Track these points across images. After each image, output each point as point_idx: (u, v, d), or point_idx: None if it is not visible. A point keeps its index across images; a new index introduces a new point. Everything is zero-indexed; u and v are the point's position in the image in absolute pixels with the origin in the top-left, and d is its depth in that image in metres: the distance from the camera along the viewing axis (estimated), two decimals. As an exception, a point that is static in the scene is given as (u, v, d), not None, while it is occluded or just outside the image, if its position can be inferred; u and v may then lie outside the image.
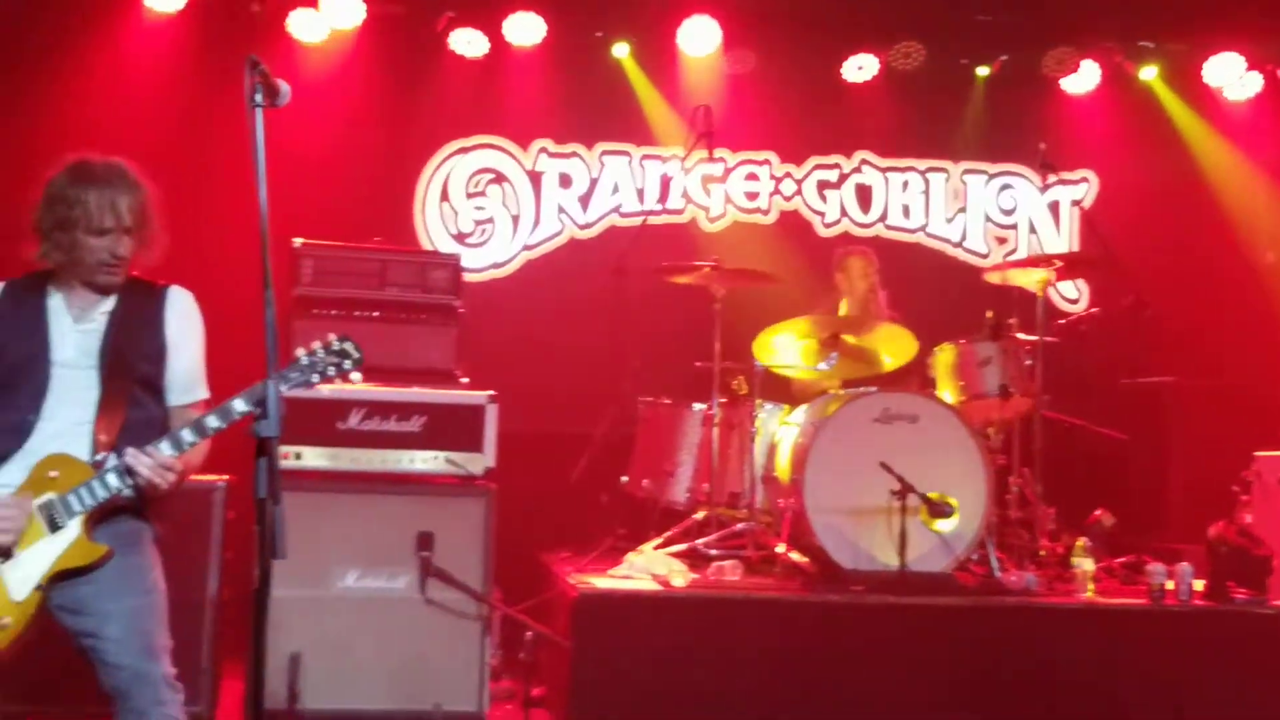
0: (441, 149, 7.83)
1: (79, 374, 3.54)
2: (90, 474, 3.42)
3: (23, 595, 3.36)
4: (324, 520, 5.08)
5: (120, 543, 3.50)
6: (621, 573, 5.67)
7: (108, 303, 3.62)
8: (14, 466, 3.47)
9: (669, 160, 7.95)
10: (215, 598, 4.98)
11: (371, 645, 5.12)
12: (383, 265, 5.73)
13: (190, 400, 3.69)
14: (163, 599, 3.57)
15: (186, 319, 3.72)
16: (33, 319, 3.58)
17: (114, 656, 3.42)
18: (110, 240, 3.52)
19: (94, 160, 3.58)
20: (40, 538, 3.39)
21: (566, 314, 7.48)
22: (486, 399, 5.40)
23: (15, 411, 3.50)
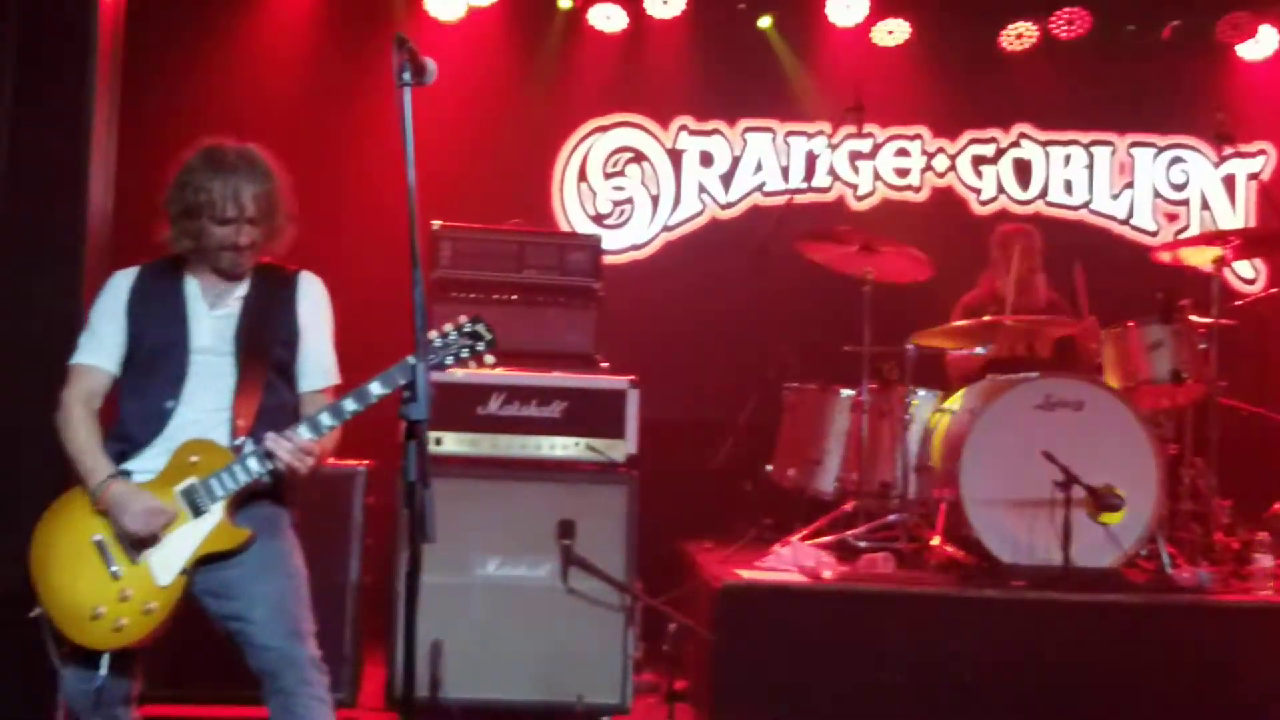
0: (579, 128, 7.84)
1: (216, 360, 3.62)
2: (230, 458, 3.50)
3: (168, 580, 3.45)
4: (464, 507, 5.12)
5: (261, 527, 3.59)
6: (767, 564, 5.64)
7: (241, 289, 3.69)
8: (154, 452, 3.56)
9: (815, 136, 7.87)
10: (356, 583, 5.07)
11: (512, 634, 5.16)
12: (521, 247, 5.76)
13: (321, 386, 3.76)
14: (305, 582, 3.65)
15: (317, 305, 3.78)
16: (170, 305, 3.66)
17: (261, 638, 3.50)
18: (233, 230, 3.58)
19: (226, 146, 3.64)
20: (184, 523, 3.48)
21: (708, 297, 7.44)
22: (628, 384, 5.40)
23: (155, 398, 3.59)
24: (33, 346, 4.41)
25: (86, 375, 3.64)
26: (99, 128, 4.52)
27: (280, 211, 3.65)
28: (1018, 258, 6.71)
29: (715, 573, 5.45)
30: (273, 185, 3.62)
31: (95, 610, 3.42)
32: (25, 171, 4.45)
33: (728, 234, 7.76)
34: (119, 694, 3.57)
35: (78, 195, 4.48)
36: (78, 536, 3.49)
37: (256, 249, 3.65)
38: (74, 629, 3.44)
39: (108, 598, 3.43)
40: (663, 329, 7.30)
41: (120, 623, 3.42)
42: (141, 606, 3.43)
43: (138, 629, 3.43)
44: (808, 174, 7.69)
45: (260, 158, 3.64)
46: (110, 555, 3.46)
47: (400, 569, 5.04)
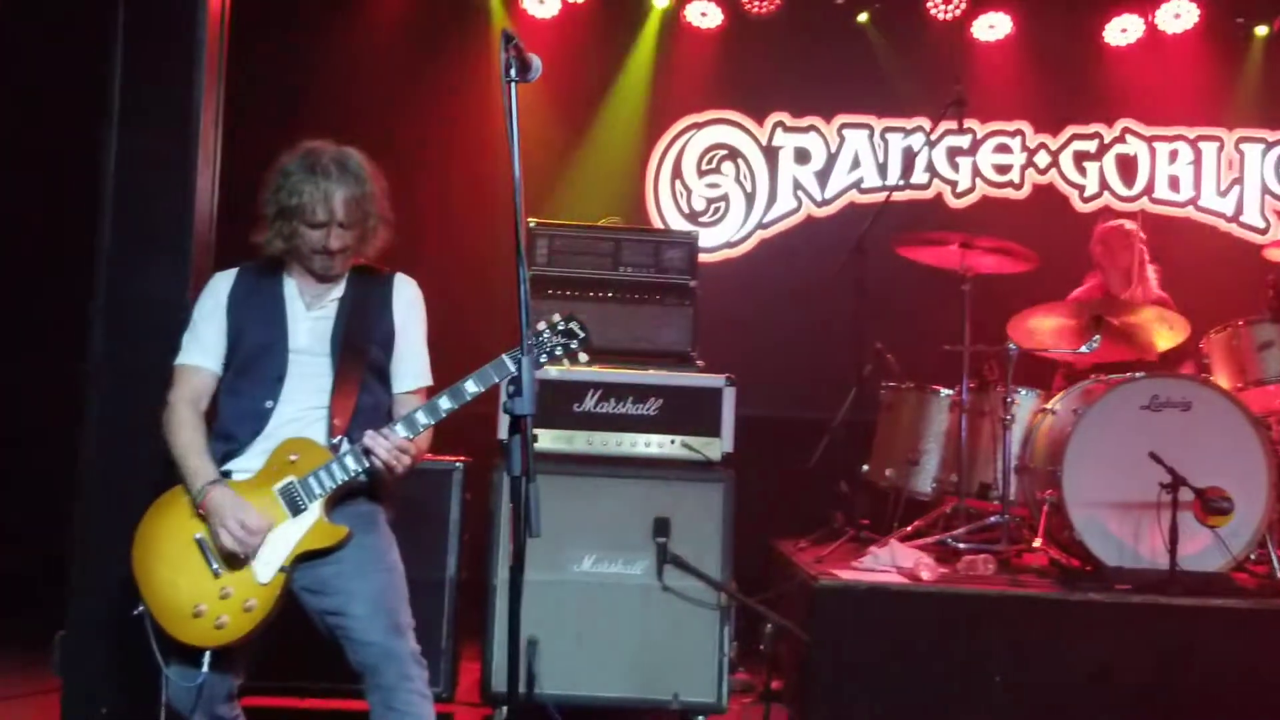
0: (674, 125, 7.88)
1: (313, 361, 3.70)
2: (328, 457, 3.57)
3: (268, 578, 3.52)
4: (560, 503, 5.13)
5: (358, 524, 3.65)
6: (864, 565, 5.62)
7: (337, 290, 3.76)
8: (253, 452, 3.64)
9: (913, 132, 7.84)
10: (455, 579, 5.12)
11: (607, 632, 5.18)
12: (617, 245, 5.76)
13: (414, 387, 3.83)
14: (402, 578, 3.71)
15: (412, 306, 3.85)
16: (269, 306, 3.73)
17: (361, 634, 3.56)
18: (324, 233, 3.64)
19: (322, 150, 3.69)
20: (283, 520, 3.55)
21: (803, 295, 7.43)
22: (724, 381, 5.39)
23: (254, 398, 3.67)
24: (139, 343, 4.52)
25: (192, 376, 3.73)
26: (206, 127, 4.61)
27: (373, 216, 3.70)
28: (1122, 256, 6.64)
29: (811, 572, 5.45)
30: (366, 190, 3.66)
31: (196, 608, 3.50)
32: (134, 171, 4.55)
33: (823, 232, 7.76)
34: (221, 691, 3.65)
35: (185, 194, 4.58)
36: (180, 535, 3.57)
37: (349, 253, 3.71)
38: (176, 626, 3.51)
39: (209, 595, 3.51)
40: (758, 327, 7.32)
41: (221, 620, 3.49)
42: (242, 604, 3.50)
43: (238, 627, 3.51)
44: (905, 171, 7.65)
45: (355, 162, 3.68)
46: (211, 554, 3.54)
47: (497, 564, 5.17)
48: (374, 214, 3.70)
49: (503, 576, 5.17)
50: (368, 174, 3.69)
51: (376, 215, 3.71)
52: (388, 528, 3.78)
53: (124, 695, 4.41)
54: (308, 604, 3.64)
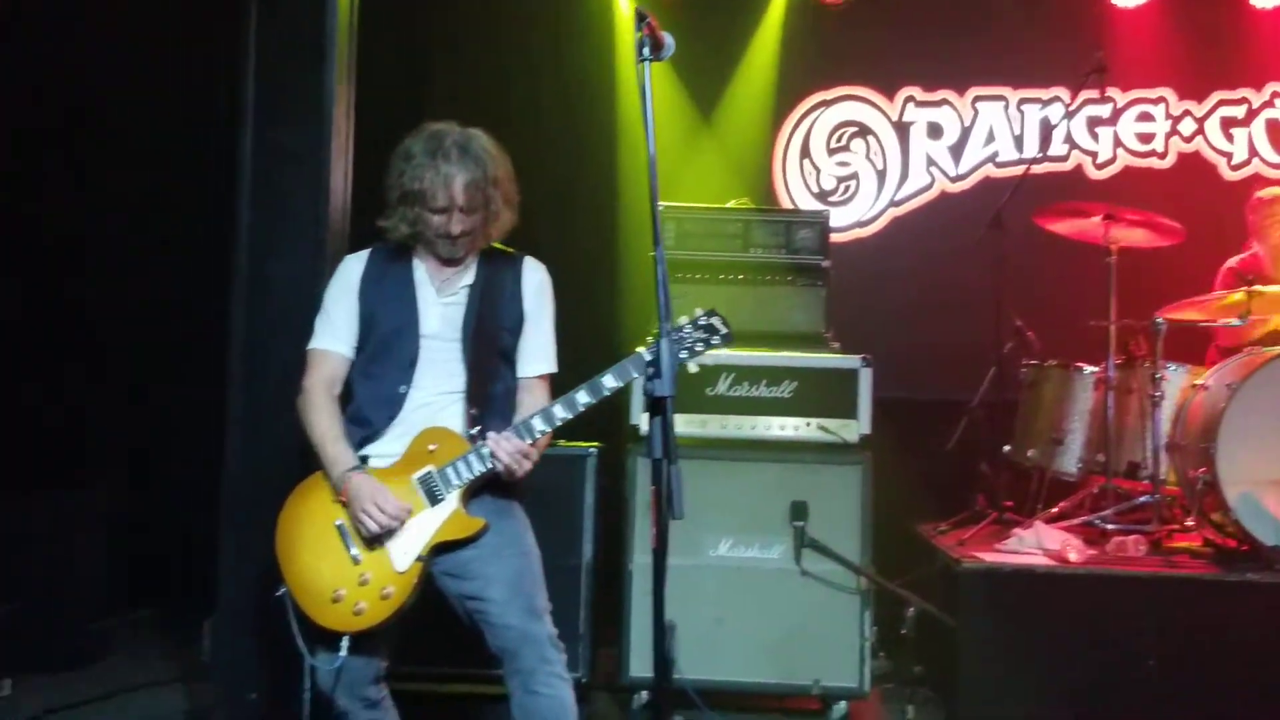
0: (802, 103, 7.81)
1: (444, 346, 3.72)
2: (467, 448, 3.60)
3: (405, 566, 3.57)
4: (695, 488, 4.97)
5: (494, 510, 3.68)
6: (1008, 547, 5.54)
7: (467, 275, 3.77)
8: (390, 437, 3.68)
9: (1050, 103, 7.67)
10: (590, 564, 5.16)
11: (745, 616, 5.19)
12: (746, 226, 5.78)
13: (538, 373, 3.83)
14: (539, 562, 3.74)
15: (541, 292, 3.85)
16: (400, 290, 3.75)
17: (499, 618, 3.60)
18: (445, 218, 3.65)
19: (445, 132, 3.69)
20: (421, 510, 3.60)
21: (938, 272, 7.32)
22: (860, 362, 5.37)
23: (388, 382, 3.70)
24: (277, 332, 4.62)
25: (325, 361, 3.77)
26: (338, 119, 4.70)
27: (497, 199, 3.69)
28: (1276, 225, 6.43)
29: (954, 555, 5.39)
30: (488, 173, 3.65)
31: (336, 593, 3.56)
32: (269, 165, 4.65)
33: (958, 208, 7.63)
34: (367, 674, 3.72)
35: (318, 183, 4.67)
36: (321, 520, 3.63)
37: (473, 237, 3.71)
38: (316, 610, 3.57)
39: (348, 581, 3.57)
40: (892, 306, 7.22)
41: (360, 606, 3.55)
42: (380, 591, 3.56)
43: (376, 613, 3.56)
44: (1043, 143, 7.49)
45: (478, 144, 3.68)
46: (351, 540, 3.60)
47: (633, 549, 5.19)
48: (498, 197, 3.69)
49: (639, 561, 5.20)
50: (491, 156, 3.68)
51: (501, 199, 3.70)
52: (523, 513, 3.81)
53: (272, 681, 4.52)
54: (446, 588, 3.69)
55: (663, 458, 2.98)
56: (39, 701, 5.27)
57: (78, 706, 5.30)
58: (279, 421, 4.38)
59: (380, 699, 3.81)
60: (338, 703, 3.70)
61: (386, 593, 3.56)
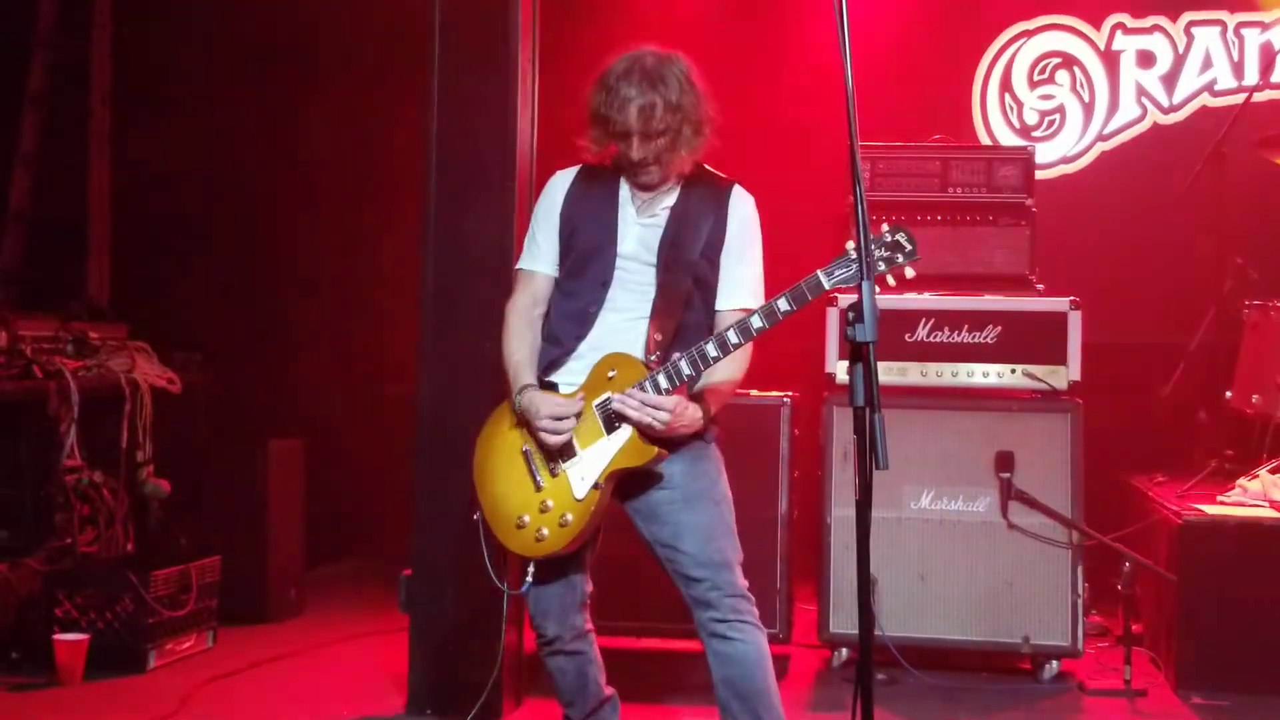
0: (1001, 34, 7.58)
1: (639, 268, 3.67)
2: (644, 373, 3.54)
3: (583, 494, 3.56)
4: (894, 438, 4.83)
5: (689, 458, 3.64)
6: (1233, 499, 5.35)
7: (670, 197, 3.71)
8: (577, 360, 3.66)
9: (1272, 26, 7.28)
10: (786, 517, 5.12)
11: (950, 571, 5.13)
12: (945, 164, 5.67)
13: (740, 305, 3.71)
14: (730, 510, 3.69)
15: (746, 223, 3.74)
16: (602, 208, 3.73)
17: (690, 569, 3.58)
18: (628, 144, 3.59)
19: (640, 55, 3.63)
20: (599, 437, 3.57)
21: (1152, 209, 7.07)
22: (1069, 305, 5.24)
23: (581, 301, 3.69)
24: (467, 281, 4.66)
25: (529, 281, 3.78)
26: (524, 64, 4.69)
27: (690, 124, 3.61)
28: None
29: (1174, 508, 5.24)
30: (671, 98, 3.57)
31: (520, 519, 3.59)
32: (456, 111, 4.68)
33: (1172, 141, 7.33)
34: (571, 600, 3.74)
35: (505, 131, 4.67)
36: (510, 446, 3.66)
37: (663, 163, 3.63)
38: (504, 534, 3.62)
39: (531, 507, 3.59)
40: (1102, 247, 7.03)
41: (541, 533, 3.57)
42: (559, 518, 3.57)
43: (556, 540, 3.57)
44: (1265, 69, 7.12)
45: (672, 68, 3.60)
46: (536, 466, 3.62)
47: (831, 502, 5.13)
48: (691, 122, 3.61)
49: (838, 514, 5.17)
50: (683, 80, 3.61)
51: (693, 123, 3.62)
52: (716, 454, 3.75)
53: (468, 632, 4.58)
54: (641, 530, 3.68)
55: (865, 406, 2.89)
56: (243, 655, 5.45)
57: (281, 660, 5.47)
58: (470, 376, 4.43)
59: (587, 630, 3.84)
60: (547, 630, 3.74)
61: (565, 520, 3.56)
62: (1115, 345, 6.30)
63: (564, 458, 3.58)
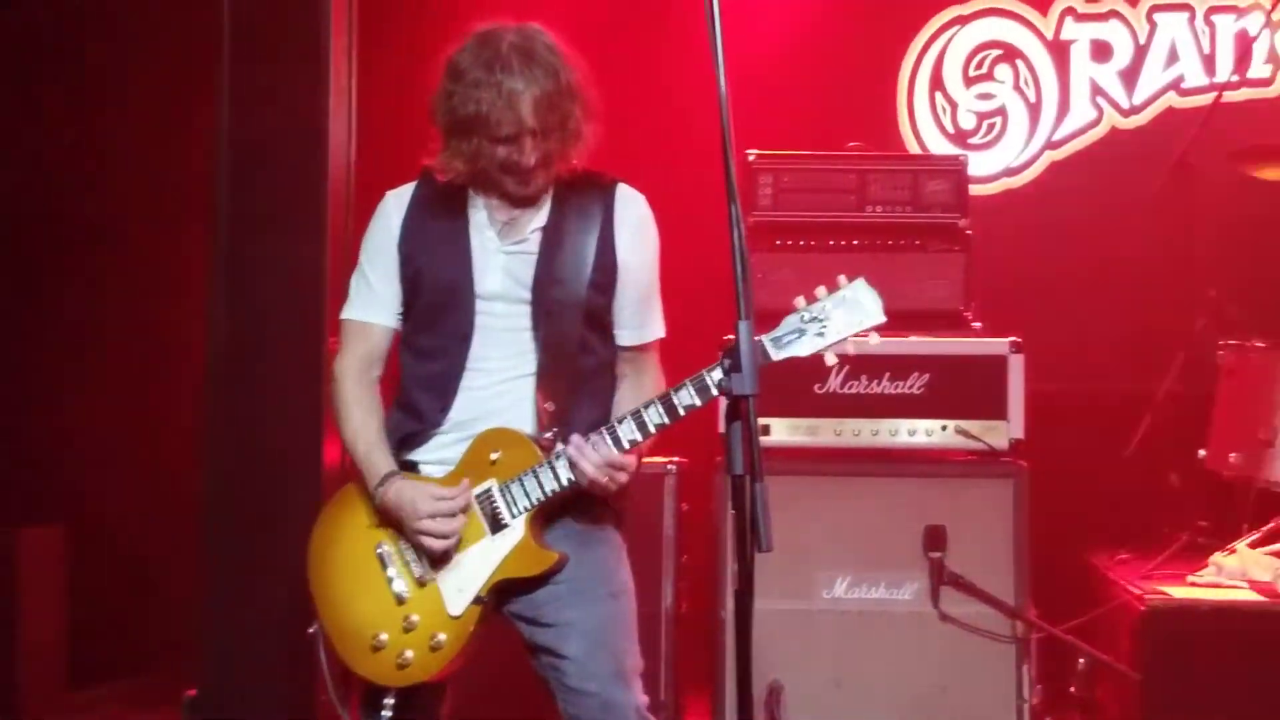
0: (931, 21, 7.68)
1: (509, 310, 3.59)
2: (539, 458, 3.50)
3: (460, 609, 3.49)
4: (802, 512, 5.13)
5: (579, 538, 3.60)
6: (1207, 579, 5.45)
7: (539, 215, 3.62)
8: (446, 439, 3.59)
9: (1248, 12, 7.47)
10: (671, 612, 5.11)
11: (871, 674, 5.17)
12: (863, 177, 5.74)
13: (645, 340, 3.71)
14: (632, 603, 3.66)
15: (640, 230, 3.71)
16: (451, 236, 3.63)
17: (577, 680, 3.50)
18: (514, 148, 3.49)
19: (499, 34, 3.52)
20: (479, 538, 3.51)
21: (1109, 230, 7.17)
22: (1009, 347, 5.31)
23: (436, 362, 3.61)
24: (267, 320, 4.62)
25: (360, 335, 3.69)
26: (337, 57, 4.65)
27: (575, 113, 3.54)
28: None
29: (1137, 591, 5.32)
30: (562, 81, 3.51)
31: (376, 638, 3.51)
32: (252, 113, 4.63)
33: (1133, 148, 7.48)
34: None
35: (314, 139, 4.64)
36: (361, 545, 3.58)
37: (549, 166, 3.56)
38: (352, 656, 3.53)
39: (391, 624, 3.51)
40: (1051, 275, 7.12)
41: (405, 657, 3.49)
42: (429, 639, 3.50)
43: (424, 666, 3.49)
44: (1240, 63, 7.30)
45: (543, 45, 3.52)
46: (395, 572, 3.54)
47: (727, 591, 5.10)
48: (576, 110, 3.55)
49: (732, 606, 5.13)
50: (561, 59, 3.53)
51: (579, 111, 3.55)
52: (618, 539, 3.72)
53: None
54: (523, 634, 3.61)
55: (745, 474, 2.89)
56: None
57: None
58: (276, 449, 4.35)
59: None
60: None
61: (436, 642, 3.49)
62: (1067, 394, 6.41)
63: (436, 564, 3.51)
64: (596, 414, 3.56)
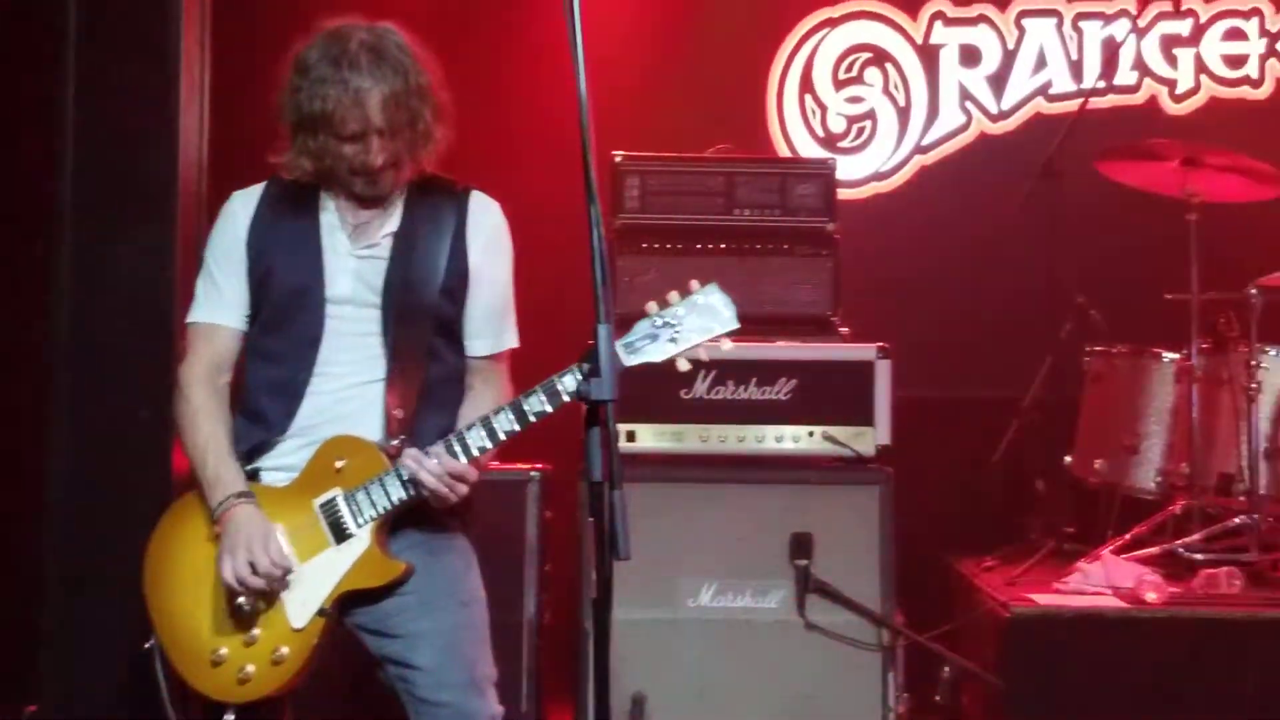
0: (801, 23, 7.73)
1: (359, 315, 3.60)
2: (385, 466, 3.48)
3: (303, 622, 3.46)
4: (667, 520, 5.13)
5: (426, 547, 3.59)
6: (1071, 585, 5.53)
7: (391, 219, 3.64)
8: (289, 443, 3.57)
9: (1115, 19, 7.60)
10: (534, 622, 5.10)
11: (737, 684, 5.16)
12: (730, 180, 5.75)
13: (496, 350, 3.73)
14: (484, 612, 3.66)
15: (493, 237, 3.73)
16: (301, 238, 3.62)
17: (428, 691, 3.51)
18: (360, 147, 3.50)
19: (349, 32, 3.52)
20: (323, 548, 3.49)
21: (977, 236, 7.27)
22: (876, 353, 5.35)
23: (284, 366, 3.59)
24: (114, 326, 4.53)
25: (208, 339, 3.65)
26: (189, 50, 4.58)
27: (426, 114, 3.55)
28: None
29: (1002, 598, 5.38)
30: (412, 82, 3.51)
31: (216, 652, 3.46)
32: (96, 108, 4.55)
33: (1002, 153, 7.58)
34: None
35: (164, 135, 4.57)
36: (201, 557, 3.52)
37: (399, 167, 3.57)
38: (191, 672, 3.48)
39: (231, 639, 3.47)
40: (919, 280, 7.19)
41: (246, 671, 3.45)
42: (271, 653, 3.45)
43: (266, 681, 3.45)
44: (1107, 69, 7.42)
45: (394, 45, 3.53)
46: None
47: (588, 601, 5.09)
48: (425, 112, 3.55)
49: (592, 616, 5.14)
50: (413, 60, 3.54)
51: (429, 113, 3.56)
52: (466, 547, 3.71)
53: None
54: (369, 645, 3.60)
55: (603, 481, 2.88)
56: None
57: None
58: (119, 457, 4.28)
59: None
60: None
61: (279, 655, 3.45)
62: (935, 400, 6.48)
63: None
64: (445, 422, 3.56)
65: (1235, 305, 5.96)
